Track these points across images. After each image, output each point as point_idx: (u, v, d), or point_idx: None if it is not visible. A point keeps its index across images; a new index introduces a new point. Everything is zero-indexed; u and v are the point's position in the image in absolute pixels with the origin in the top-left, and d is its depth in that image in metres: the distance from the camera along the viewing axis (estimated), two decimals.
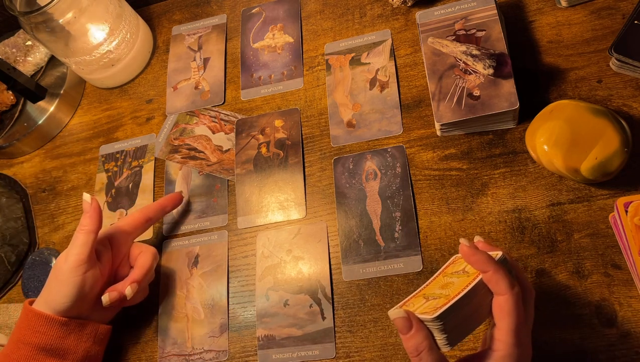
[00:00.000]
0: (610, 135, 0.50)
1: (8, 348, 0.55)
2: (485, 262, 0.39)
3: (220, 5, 0.81)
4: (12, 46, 0.83)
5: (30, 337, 0.53)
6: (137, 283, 0.57)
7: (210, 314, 0.61)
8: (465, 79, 0.57)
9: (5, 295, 0.70)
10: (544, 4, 0.64)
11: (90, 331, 0.56)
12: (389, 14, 0.70)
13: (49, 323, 0.54)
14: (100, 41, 0.73)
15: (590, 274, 0.51)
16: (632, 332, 0.48)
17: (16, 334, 0.55)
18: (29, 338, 0.53)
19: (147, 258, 0.59)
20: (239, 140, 0.69)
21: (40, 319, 0.54)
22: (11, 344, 0.55)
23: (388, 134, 0.63)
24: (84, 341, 0.56)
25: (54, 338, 0.54)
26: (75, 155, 0.77)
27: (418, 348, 0.40)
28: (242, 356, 0.59)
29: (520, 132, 0.59)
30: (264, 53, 0.74)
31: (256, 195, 0.65)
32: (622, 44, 0.55)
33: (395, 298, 0.56)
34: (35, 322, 0.54)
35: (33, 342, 0.53)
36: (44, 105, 0.79)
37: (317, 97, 0.69)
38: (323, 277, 0.59)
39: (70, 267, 0.54)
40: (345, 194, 0.62)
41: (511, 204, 0.56)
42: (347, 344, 0.56)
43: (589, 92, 0.58)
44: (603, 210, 0.53)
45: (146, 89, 0.78)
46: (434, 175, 0.60)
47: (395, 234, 0.58)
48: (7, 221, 0.73)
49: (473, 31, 0.60)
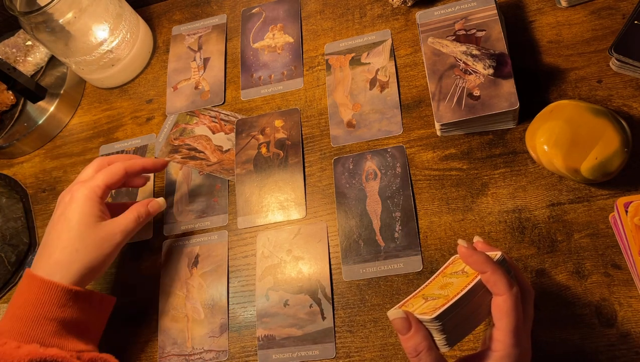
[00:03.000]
0: (610, 135, 0.50)
1: (21, 325, 0.50)
2: (483, 262, 0.40)
3: (220, 5, 0.81)
4: (12, 46, 0.83)
5: (56, 312, 0.51)
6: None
7: (210, 314, 0.61)
8: (465, 79, 0.57)
9: (5, 295, 0.70)
10: (544, 4, 0.64)
11: (106, 304, 0.56)
12: (389, 14, 0.70)
13: (75, 297, 0.52)
14: (100, 41, 0.73)
15: (590, 274, 0.51)
16: (632, 332, 0.48)
17: (30, 309, 0.51)
18: (53, 313, 0.51)
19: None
20: (239, 141, 0.69)
21: (65, 292, 0.51)
22: (26, 321, 0.50)
23: (388, 134, 0.63)
24: (103, 314, 0.56)
25: (81, 311, 0.52)
26: (75, 155, 0.77)
27: (417, 349, 0.40)
28: (242, 356, 0.59)
29: (520, 132, 0.59)
30: (264, 53, 0.74)
31: (256, 195, 0.65)
32: (622, 44, 0.55)
33: (395, 298, 0.56)
34: (61, 296, 0.51)
35: (59, 317, 0.51)
36: (44, 105, 0.79)
37: (317, 97, 0.69)
38: (323, 277, 0.59)
39: (116, 231, 0.55)
40: (345, 194, 0.62)
41: (511, 204, 0.56)
42: (347, 344, 0.56)
43: (589, 92, 0.58)
44: (603, 210, 0.53)
45: (146, 89, 0.78)
46: (434, 175, 0.60)
47: (395, 234, 0.58)
48: (7, 221, 0.73)
49: (473, 31, 0.60)
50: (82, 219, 0.55)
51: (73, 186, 0.58)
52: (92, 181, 0.57)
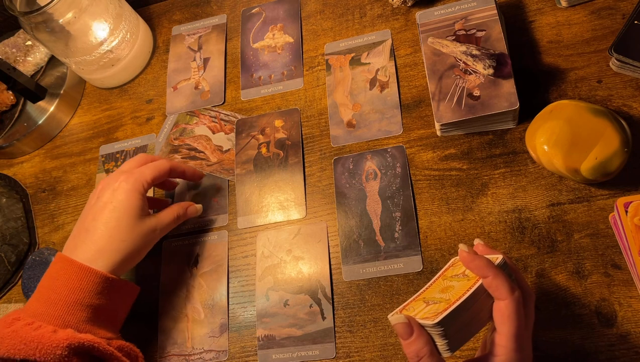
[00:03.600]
0: (610, 135, 0.50)
1: (57, 309, 0.50)
2: (484, 267, 0.39)
3: (220, 5, 0.81)
4: (12, 46, 0.83)
5: (92, 299, 0.51)
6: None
7: (210, 314, 0.61)
8: (465, 79, 0.57)
9: (5, 295, 0.70)
10: (544, 4, 0.64)
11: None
12: (389, 14, 0.70)
13: (111, 285, 0.52)
14: (100, 41, 0.73)
15: (590, 274, 0.51)
16: (632, 332, 0.48)
17: (66, 294, 0.51)
18: (89, 300, 0.51)
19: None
20: (239, 141, 0.69)
21: (103, 280, 0.52)
22: (62, 306, 0.50)
23: (388, 134, 0.63)
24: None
25: (112, 300, 0.53)
26: (75, 155, 0.77)
27: (419, 354, 0.39)
28: (242, 356, 0.59)
29: (520, 132, 0.59)
30: (264, 53, 0.74)
31: (256, 195, 0.65)
32: (622, 44, 0.55)
33: (395, 298, 0.56)
34: (99, 283, 0.52)
35: (94, 303, 0.51)
36: (44, 105, 0.79)
37: (317, 97, 0.69)
38: (323, 277, 0.59)
39: (158, 227, 0.57)
40: (345, 194, 0.62)
41: (511, 204, 0.56)
42: (347, 344, 0.56)
43: (589, 92, 0.58)
44: (603, 210, 0.53)
45: (146, 89, 0.78)
46: (434, 175, 0.60)
47: (395, 234, 0.58)
48: (7, 221, 0.73)
49: (473, 31, 0.60)
50: (130, 210, 0.55)
51: (119, 175, 0.57)
52: (139, 173, 0.57)
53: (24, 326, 0.48)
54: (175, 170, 0.61)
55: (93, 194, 0.58)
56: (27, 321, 0.49)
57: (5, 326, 0.49)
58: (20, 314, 0.50)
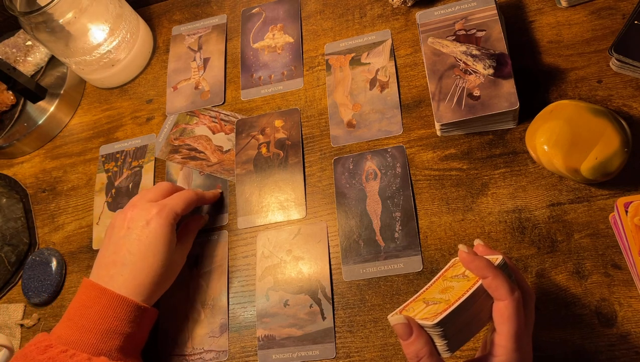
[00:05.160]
0: (610, 135, 0.50)
1: (91, 337, 0.51)
2: (484, 268, 0.39)
3: (220, 5, 0.81)
4: (12, 46, 0.83)
5: (125, 327, 0.52)
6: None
7: (210, 314, 0.61)
8: (465, 79, 0.57)
9: (5, 295, 0.70)
10: (544, 4, 0.64)
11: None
12: (389, 14, 0.70)
13: (142, 314, 0.54)
14: (100, 41, 0.73)
15: (590, 274, 0.51)
16: (632, 332, 0.48)
17: (101, 323, 0.51)
18: (123, 328, 0.52)
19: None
20: (239, 141, 0.69)
21: (136, 309, 0.53)
22: (97, 334, 0.51)
23: (388, 134, 0.63)
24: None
25: (140, 327, 0.54)
26: (75, 155, 0.77)
27: (418, 354, 0.39)
28: (242, 356, 0.59)
29: (520, 132, 0.59)
30: (264, 53, 0.74)
31: (256, 195, 0.65)
32: (622, 44, 0.55)
33: (395, 298, 0.56)
34: (133, 312, 0.53)
35: (126, 331, 0.52)
36: (44, 105, 0.79)
37: (317, 97, 0.69)
38: (323, 278, 0.59)
39: (184, 256, 0.59)
40: (345, 194, 0.62)
41: (511, 204, 0.56)
42: (347, 344, 0.56)
43: (589, 92, 0.58)
44: (603, 210, 0.53)
45: (146, 89, 0.78)
46: (434, 175, 0.60)
47: (395, 234, 0.58)
48: (7, 221, 0.73)
49: (473, 31, 0.60)
50: (166, 245, 0.56)
51: (149, 207, 0.57)
52: (170, 207, 0.58)
53: (59, 353, 0.49)
54: (201, 200, 0.63)
55: (122, 223, 0.57)
56: (61, 348, 0.50)
57: (39, 353, 0.49)
58: (50, 340, 0.51)
